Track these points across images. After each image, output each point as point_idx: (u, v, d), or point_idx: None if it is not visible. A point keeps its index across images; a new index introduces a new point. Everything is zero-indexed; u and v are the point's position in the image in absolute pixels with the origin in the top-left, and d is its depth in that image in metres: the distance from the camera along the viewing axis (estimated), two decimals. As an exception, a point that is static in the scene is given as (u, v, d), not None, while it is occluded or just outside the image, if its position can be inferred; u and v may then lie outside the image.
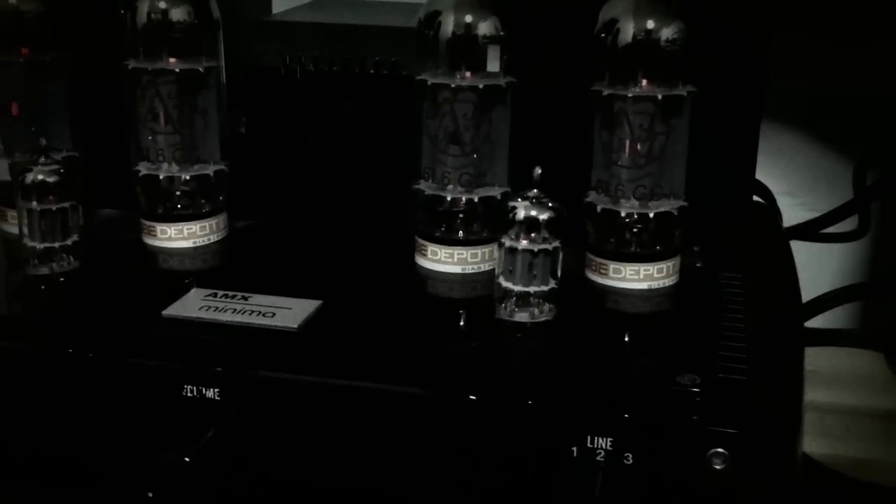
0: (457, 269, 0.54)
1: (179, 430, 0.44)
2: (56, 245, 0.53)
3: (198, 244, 0.57)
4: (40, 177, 0.53)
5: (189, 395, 0.45)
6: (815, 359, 0.59)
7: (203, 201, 0.58)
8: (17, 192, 0.53)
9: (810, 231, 0.75)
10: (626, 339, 0.49)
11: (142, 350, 0.46)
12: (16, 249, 0.56)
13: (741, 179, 0.55)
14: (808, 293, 0.66)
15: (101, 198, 0.61)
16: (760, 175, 0.67)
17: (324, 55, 0.60)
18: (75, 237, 0.54)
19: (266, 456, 0.45)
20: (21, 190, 0.53)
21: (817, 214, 0.76)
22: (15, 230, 0.58)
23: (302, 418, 0.45)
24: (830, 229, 0.75)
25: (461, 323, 0.50)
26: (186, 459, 0.43)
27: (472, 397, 0.43)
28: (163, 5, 0.55)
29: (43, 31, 0.59)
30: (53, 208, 0.53)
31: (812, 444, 0.52)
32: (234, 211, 0.60)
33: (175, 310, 0.48)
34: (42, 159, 0.53)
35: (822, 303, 0.67)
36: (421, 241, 0.55)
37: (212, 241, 0.58)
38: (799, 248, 0.68)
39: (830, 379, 0.62)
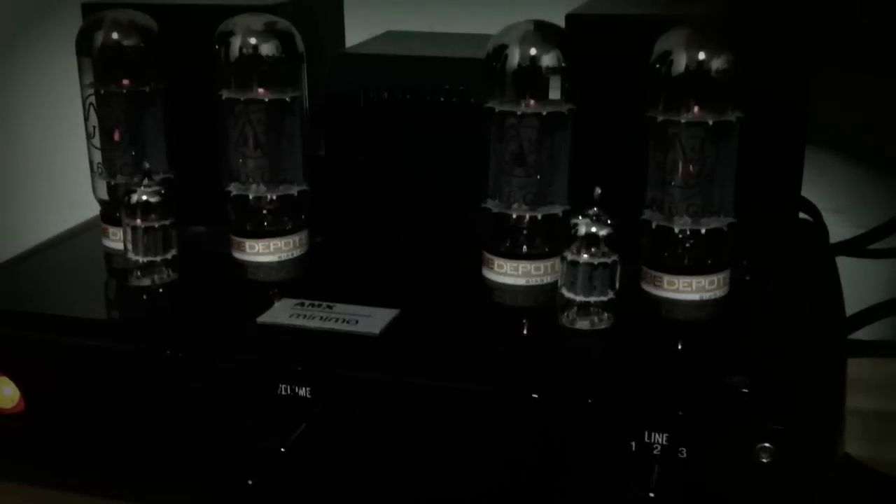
0: (521, 281, 0.57)
1: (275, 423, 0.49)
2: (157, 259, 0.57)
3: (282, 258, 0.61)
4: (144, 197, 0.57)
5: (283, 393, 0.49)
6: (859, 368, 0.62)
7: (286, 219, 0.62)
8: (122, 210, 0.58)
9: (856, 247, 0.77)
10: (680, 344, 0.52)
11: (241, 352, 0.51)
12: (118, 263, 0.61)
13: (787, 197, 0.58)
14: (853, 306, 0.69)
15: (192, 215, 0.64)
16: (808, 193, 0.69)
17: (396, 84, 0.63)
18: (174, 252, 0.58)
19: (351, 447, 0.50)
20: (126, 209, 0.57)
21: (863, 231, 0.78)
22: (115, 245, 0.63)
23: (383, 413, 0.49)
24: (875, 245, 0.77)
25: (526, 330, 0.54)
26: (282, 450, 0.48)
27: (534, 395, 0.47)
28: (254, 41, 0.59)
29: (143, 64, 0.63)
30: (155, 226, 0.57)
31: (854, 446, 0.55)
32: (314, 227, 0.63)
33: (268, 317, 0.53)
34: (145, 181, 0.58)
35: (866, 316, 0.69)
36: (488, 254, 0.58)
37: (295, 255, 0.62)
38: (845, 264, 0.71)
39: (873, 387, 0.64)
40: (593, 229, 0.51)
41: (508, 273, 0.57)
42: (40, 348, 0.54)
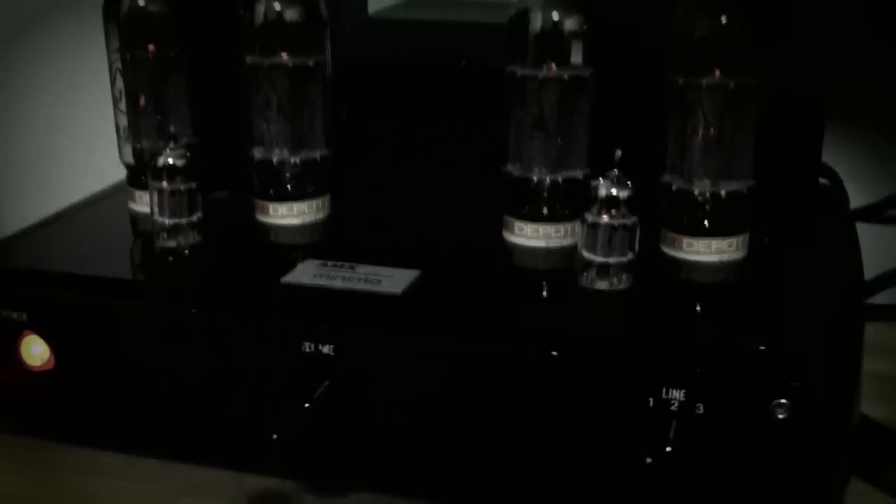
0: (541, 244, 0.58)
1: (299, 380, 0.50)
2: (183, 221, 0.58)
3: (305, 221, 0.62)
4: (170, 160, 0.58)
5: (307, 350, 0.50)
6: (877, 332, 0.62)
7: (309, 182, 0.62)
8: (148, 173, 0.58)
9: (876, 213, 0.77)
10: (699, 305, 0.52)
11: (266, 311, 0.52)
12: (144, 225, 0.62)
13: (807, 162, 0.58)
14: (872, 271, 0.69)
15: (216, 179, 0.65)
16: (830, 160, 0.70)
17: (418, 49, 0.64)
18: (199, 214, 0.59)
19: (374, 404, 0.51)
20: (152, 172, 0.58)
21: (883, 197, 0.78)
22: (141, 208, 0.64)
23: (405, 371, 0.50)
24: (894, 212, 0.77)
25: (546, 290, 0.55)
26: (306, 405, 0.48)
27: (554, 353, 0.47)
28: (278, 7, 0.59)
29: (167, 30, 0.63)
30: (181, 188, 0.58)
31: (871, 408, 0.55)
32: (337, 191, 0.64)
33: (293, 277, 0.54)
34: (171, 145, 0.59)
35: (884, 280, 0.70)
36: (508, 217, 0.59)
37: (318, 218, 0.63)
38: (864, 230, 0.71)
39: (890, 350, 0.65)
40: (613, 191, 0.51)
41: (528, 235, 0.58)
42: (69, 308, 0.55)
